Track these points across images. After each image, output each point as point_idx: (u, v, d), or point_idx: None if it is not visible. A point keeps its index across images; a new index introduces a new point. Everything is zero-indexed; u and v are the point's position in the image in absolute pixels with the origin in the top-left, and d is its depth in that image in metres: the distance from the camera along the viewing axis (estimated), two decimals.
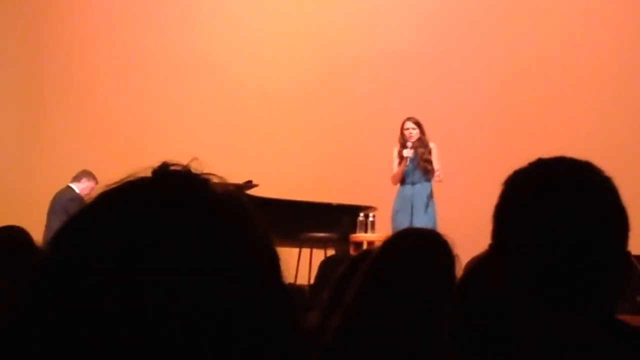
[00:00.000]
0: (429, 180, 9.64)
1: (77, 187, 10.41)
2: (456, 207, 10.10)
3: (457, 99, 11.78)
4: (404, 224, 8.81)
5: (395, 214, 9.59)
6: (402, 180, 9.68)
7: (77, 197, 10.14)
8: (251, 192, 9.43)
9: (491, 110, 11.75)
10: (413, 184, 9.63)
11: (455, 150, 10.60)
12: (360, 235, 9.70)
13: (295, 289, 4.10)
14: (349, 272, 2.72)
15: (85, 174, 10.50)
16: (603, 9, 11.76)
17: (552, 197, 1.57)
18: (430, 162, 9.61)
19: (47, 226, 9.79)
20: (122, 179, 0.96)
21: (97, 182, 10.34)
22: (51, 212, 10.16)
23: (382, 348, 2.34)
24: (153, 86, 12.52)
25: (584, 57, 11.66)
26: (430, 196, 9.64)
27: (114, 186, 0.95)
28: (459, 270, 2.49)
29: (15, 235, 2.95)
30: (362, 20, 12.36)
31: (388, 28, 12.27)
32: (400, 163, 9.64)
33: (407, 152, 9.56)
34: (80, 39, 12.72)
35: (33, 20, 12.80)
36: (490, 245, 1.63)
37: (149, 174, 0.97)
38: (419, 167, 9.59)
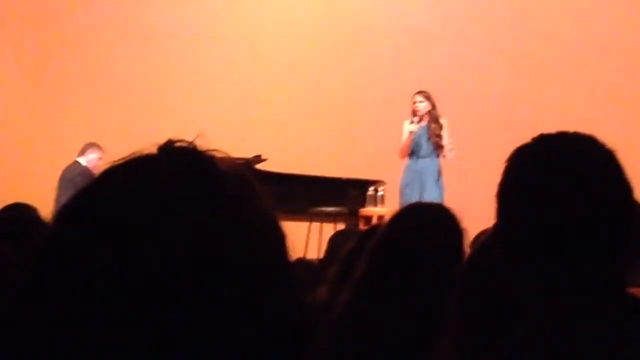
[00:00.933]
0: (438, 155, 9.62)
1: (84, 161, 10.44)
2: (465, 183, 10.08)
3: (467, 74, 11.73)
4: (413, 199, 8.79)
5: (404, 188, 9.57)
6: (411, 154, 9.65)
7: (85, 171, 10.17)
8: (260, 166, 9.44)
9: (501, 86, 11.70)
10: (422, 158, 9.60)
11: (465, 126, 10.56)
12: (369, 210, 9.71)
13: (304, 263, 4.11)
14: (358, 247, 2.72)
15: (89, 145, 10.53)
16: None
17: (555, 173, 1.55)
18: (441, 137, 9.58)
19: (56, 202, 9.81)
20: (128, 155, 0.96)
21: (103, 152, 10.39)
22: (60, 188, 10.18)
23: (391, 323, 2.34)
24: (161, 61, 12.50)
25: (595, 31, 11.60)
26: (439, 171, 9.61)
27: (119, 162, 0.95)
28: (467, 245, 2.49)
29: (24, 213, 2.95)
30: None
31: (398, 3, 12.21)
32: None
33: (412, 126, 9.52)
34: (89, 14, 12.69)
35: None
36: (495, 224, 1.61)
37: (154, 150, 0.96)
38: (430, 142, 9.56)
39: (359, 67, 12.12)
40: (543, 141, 1.61)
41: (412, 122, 9.53)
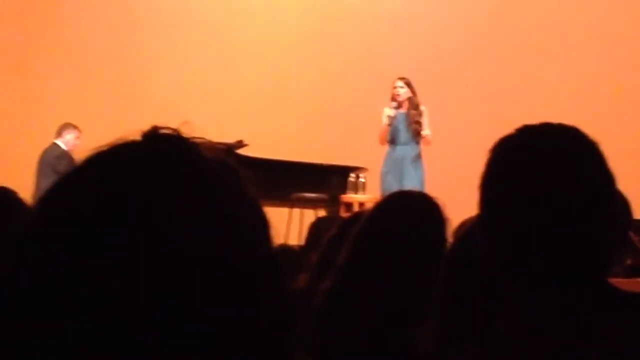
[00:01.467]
0: (417, 142, 9.63)
1: (61, 143, 10.40)
2: (445, 169, 10.10)
3: (449, 62, 11.75)
4: (394, 186, 8.81)
5: (385, 175, 9.59)
6: (391, 142, 9.65)
7: (63, 153, 10.14)
8: (242, 151, 9.43)
9: (483, 74, 11.73)
10: (402, 145, 9.60)
11: (446, 113, 10.58)
12: (350, 196, 9.72)
13: (286, 249, 4.10)
14: (340, 234, 2.72)
15: (65, 126, 10.48)
16: None
17: (538, 164, 1.55)
18: (420, 124, 9.58)
19: (36, 185, 9.79)
20: (112, 142, 0.95)
21: (79, 131, 10.36)
22: (39, 171, 10.15)
23: (373, 311, 2.34)
24: (141, 45, 12.46)
25: (582, 23, 11.65)
26: (418, 157, 9.62)
27: (104, 149, 0.94)
28: (450, 233, 2.50)
29: (4, 196, 2.93)
30: None
31: None
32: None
33: (390, 111, 9.52)
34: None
35: None
36: (478, 214, 1.61)
37: (138, 137, 0.96)
38: (410, 128, 9.56)
39: (341, 53, 12.12)
40: (526, 132, 1.60)
41: (391, 108, 9.53)
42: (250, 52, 12.25)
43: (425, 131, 9.54)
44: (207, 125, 1.04)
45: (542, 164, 1.54)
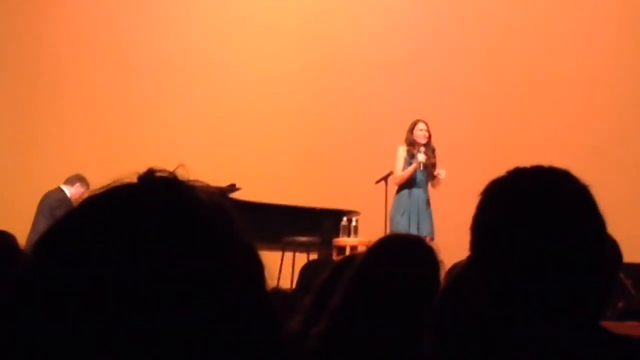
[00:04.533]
0: (433, 185, 9.63)
1: (68, 190, 10.32)
2: (449, 212, 10.08)
3: (445, 104, 11.78)
4: (410, 228, 8.81)
5: (399, 216, 9.48)
6: (407, 184, 9.61)
7: (64, 199, 10.08)
8: (234, 195, 9.42)
9: (484, 116, 11.78)
10: (417, 187, 9.58)
11: (445, 156, 10.60)
12: (343, 240, 9.70)
13: (279, 293, 4.09)
14: (333, 277, 2.71)
15: (78, 178, 10.40)
16: (591, 16, 11.82)
17: (529, 207, 1.55)
18: (435, 167, 9.60)
19: (33, 227, 9.74)
20: (108, 185, 0.96)
21: (88, 188, 10.29)
22: (38, 212, 10.09)
23: (366, 354, 2.34)
24: (138, 89, 12.48)
25: (576, 63, 11.72)
26: (429, 201, 9.61)
27: (99, 192, 0.95)
28: (444, 277, 2.50)
29: (1, 240, 2.92)
30: (348, 25, 12.35)
31: (374, 33, 12.28)
32: (410, 165, 9.53)
33: (421, 157, 9.48)
34: (69, 41, 12.65)
35: (21, 22, 12.71)
36: (469, 256, 1.61)
37: (134, 179, 0.96)
38: (426, 172, 9.55)
39: (335, 97, 12.16)
40: (517, 175, 1.61)
41: (418, 152, 9.46)
42: (244, 97, 12.27)
43: (441, 172, 9.50)
44: (199, 168, 1.05)
45: (533, 208, 1.55)
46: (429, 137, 9.58)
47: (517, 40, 11.96)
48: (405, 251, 2.52)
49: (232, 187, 9.61)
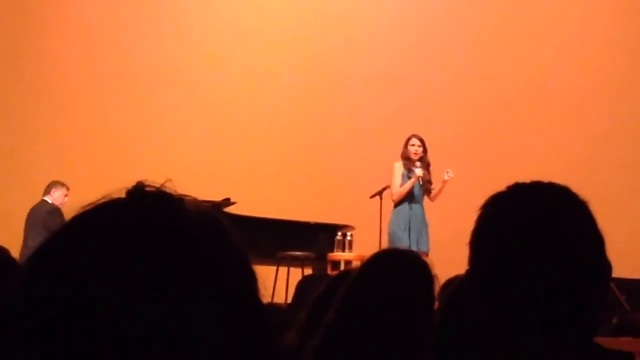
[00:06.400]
0: (430, 199, 9.65)
1: (50, 199, 10.42)
2: (443, 227, 10.09)
3: (440, 118, 11.80)
4: (412, 244, 8.83)
5: (401, 232, 9.47)
6: (405, 199, 9.62)
7: (54, 209, 10.14)
8: (229, 209, 9.42)
9: (480, 130, 11.80)
10: (415, 202, 9.59)
11: (440, 170, 10.61)
12: (337, 254, 9.70)
13: (273, 308, 4.08)
14: (328, 292, 2.71)
15: (53, 184, 10.54)
16: (590, 31, 11.87)
17: (527, 224, 1.55)
18: (431, 183, 9.62)
19: (25, 242, 9.76)
20: (97, 200, 0.95)
21: (67, 189, 10.40)
22: (28, 228, 10.13)
23: None
24: (129, 102, 12.50)
25: (570, 76, 11.76)
26: (425, 216, 9.62)
27: (88, 208, 0.94)
28: (438, 292, 2.49)
29: None
30: (343, 40, 12.39)
31: (369, 47, 12.31)
32: (409, 179, 9.55)
33: (419, 172, 9.48)
34: (57, 52, 12.68)
35: (10, 33, 12.73)
36: (467, 271, 1.61)
37: (123, 194, 0.95)
38: (422, 188, 9.56)
39: (329, 113, 12.18)
40: (517, 190, 1.61)
41: (416, 167, 9.48)
42: (237, 110, 12.29)
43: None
44: (194, 183, 1.04)
45: (533, 224, 1.54)
46: (425, 151, 9.58)
47: (512, 53, 11.98)
48: (400, 266, 2.52)
49: (227, 201, 9.61)
